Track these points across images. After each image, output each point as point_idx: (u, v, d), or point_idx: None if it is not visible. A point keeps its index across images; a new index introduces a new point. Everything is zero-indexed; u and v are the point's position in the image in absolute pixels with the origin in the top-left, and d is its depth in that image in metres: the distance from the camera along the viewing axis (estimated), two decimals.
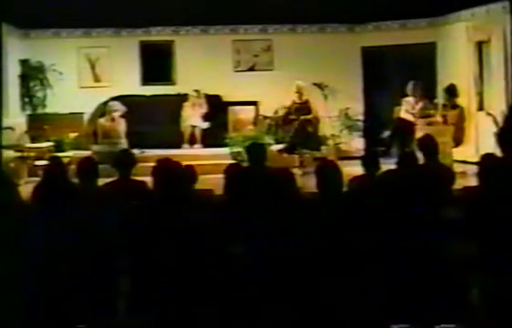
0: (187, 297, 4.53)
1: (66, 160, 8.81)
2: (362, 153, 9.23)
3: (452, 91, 11.27)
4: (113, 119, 11.56)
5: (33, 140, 11.50)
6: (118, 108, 11.69)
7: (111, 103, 11.92)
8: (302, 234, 4.48)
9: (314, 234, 4.47)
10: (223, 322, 4.49)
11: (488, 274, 4.57)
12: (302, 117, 11.72)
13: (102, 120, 11.74)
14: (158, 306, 4.59)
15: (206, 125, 12.29)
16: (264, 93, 12.43)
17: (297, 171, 8.85)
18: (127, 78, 12.91)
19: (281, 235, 4.50)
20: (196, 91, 12.41)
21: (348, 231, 4.50)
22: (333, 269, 4.41)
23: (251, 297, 4.47)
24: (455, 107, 11.13)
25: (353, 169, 6.99)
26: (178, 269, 4.59)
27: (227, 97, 12.70)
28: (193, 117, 12.30)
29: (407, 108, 11.72)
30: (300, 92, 11.96)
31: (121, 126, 11.56)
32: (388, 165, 7.01)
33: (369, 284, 4.39)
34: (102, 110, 12.11)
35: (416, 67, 12.53)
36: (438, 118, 11.01)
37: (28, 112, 12.37)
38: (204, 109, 12.42)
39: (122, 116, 11.66)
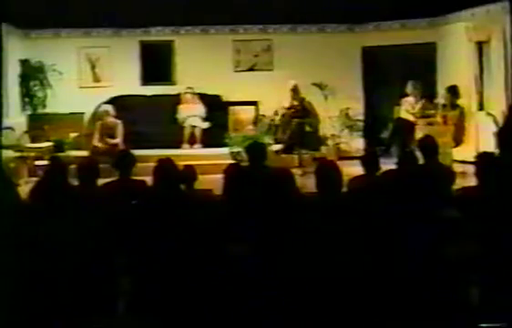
0: (186, 297, 4.54)
1: (66, 160, 8.81)
2: (362, 153, 9.24)
3: (454, 91, 11.27)
4: (107, 123, 11.58)
5: (33, 140, 11.51)
6: (108, 110, 11.73)
7: (102, 107, 12.00)
8: (302, 234, 4.48)
9: (313, 234, 4.47)
10: (223, 322, 4.49)
11: (488, 274, 4.57)
12: (299, 118, 11.72)
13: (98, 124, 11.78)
14: (158, 306, 4.59)
15: (206, 125, 12.30)
16: (264, 93, 12.42)
17: (296, 171, 8.86)
18: (126, 78, 12.91)
19: (281, 235, 4.50)
20: (189, 88, 12.44)
21: (347, 232, 4.50)
22: (333, 268, 4.41)
23: (251, 297, 4.48)
24: (455, 107, 11.13)
25: (353, 169, 7.00)
26: (177, 269, 4.60)
27: (227, 97, 12.70)
28: (191, 117, 12.30)
29: (407, 108, 11.73)
30: (295, 91, 11.97)
31: (118, 127, 11.57)
32: (388, 165, 7.02)
33: (368, 284, 4.39)
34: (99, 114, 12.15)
35: (416, 67, 12.52)
36: (438, 118, 11.01)
37: (28, 112, 12.37)
38: (199, 106, 12.41)
39: (116, 117, 11.67)
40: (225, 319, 4.49)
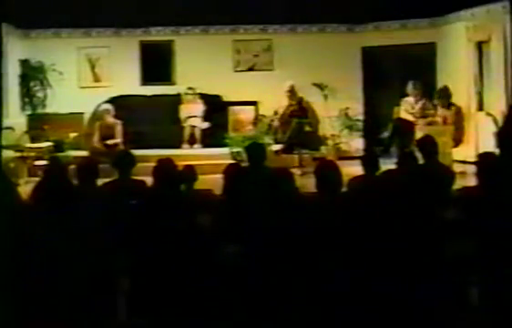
0: (186, 297, 4.54)
1: (65, 160, 8.81)
2: (361, 153, 9.24)
3: (445, 94, 11.31)
4: (107, 123, 11.60)
5: (33, 140, 11.50)
6: (108, 109, 11.75)
7: (102, 106, 12.00)
8: (301, 234, 4.48)
9: (313, 234, 4.47)
10: (222, 322, 4.49)
11: (487, 274, 4.57)
12: (298, 118, 11.73)
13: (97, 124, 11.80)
14: (157, 306, 4.59)
15: (206, 125, 12.29)
16: (264, 93, 12.42)
17: (296, 171, 8.86)
18: (126, 78, 12.90)
19: (280, 235, 4.50)
20: (190, 88, 12.44)
21: (347, 232, 4.50)
22: (332, 269, 4.41)
23: (250, 297, 4.48)
24: (449, 106, 11.16)
25: (352, 169, 7.00)
26: (177, 269, 4.60)
27: (227, 97, 12.70)
28: (191, 117, 12.30)
29: (407, 108, 11.73)
30: (292, 91, 11.99)
31: (117, 127, 11.59)
32: (388, 165, 7.02)
33: (368, 283, 4.39)
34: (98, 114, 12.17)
35: (416, 67, 12.51)
36: (438, 118, 11.02)
37: (28, 112, 12.37)
38: (199, 106, 12.43)
39: (115, 116, 11.70)
40: (224, 319, 4.49)
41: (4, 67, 10.54)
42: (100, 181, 6.15)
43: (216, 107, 12.49)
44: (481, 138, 10.78)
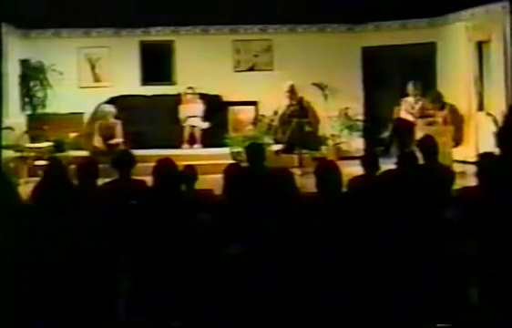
0: (186, 297, 4.54)
1: (65, 160, 8.82)
2: (361, 153, 9.24)
3: (436, 97, 11.39)
4: (107, 123, 11.62)
5: (33, 140, 11.51)
6: (110, 110, 11.78)
7: (102, 107, 12.02)
8: (302, 234, 4.48)
9: (313, 234, 4.47)
10: (223, 322, 4.50)
11: (487, 274, 4.57)
12: (298, 118, 11.74)
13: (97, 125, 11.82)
14: (158, 306, 4.59)
15: (206, 125, 12.30)
16: (264, 93, 12.44)
17: (296, 171, 8.87)
18: (127, 78, 12.91)
19: (281, 235, 4.50)
20: (190, 88, 12.44)
21: (347, 232, 4.50)
22: (333, 269, 4.41)
23: (251, 297, 4.48)
24: (443, 106, 11.20)
25: (352, 169, 7.00)
26: (177, 268, 4.60)
27: (227, 97, 12.72)
28: (191, 117, 12.31)
29: (407, 108, 11.76)
30: (292, 91, 12.00)
31: (117, 127, 11.62)
32: (388, 165, 7.02)
33: (368, 284, 4.39)
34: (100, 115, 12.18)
35: (416, 67, 12.54)
36: (438, 118, 11.04)
37: (28, 112, 12.37)
38: (199, 105, 12.43)
39: (116, 117, 11.73)
40: (225, 319, 4.49)
41: (4, 67, 10.55)
42: (100, 181, 6.15)
43: (216, 107, 12.51)
44: (481, 138, 10.78)
